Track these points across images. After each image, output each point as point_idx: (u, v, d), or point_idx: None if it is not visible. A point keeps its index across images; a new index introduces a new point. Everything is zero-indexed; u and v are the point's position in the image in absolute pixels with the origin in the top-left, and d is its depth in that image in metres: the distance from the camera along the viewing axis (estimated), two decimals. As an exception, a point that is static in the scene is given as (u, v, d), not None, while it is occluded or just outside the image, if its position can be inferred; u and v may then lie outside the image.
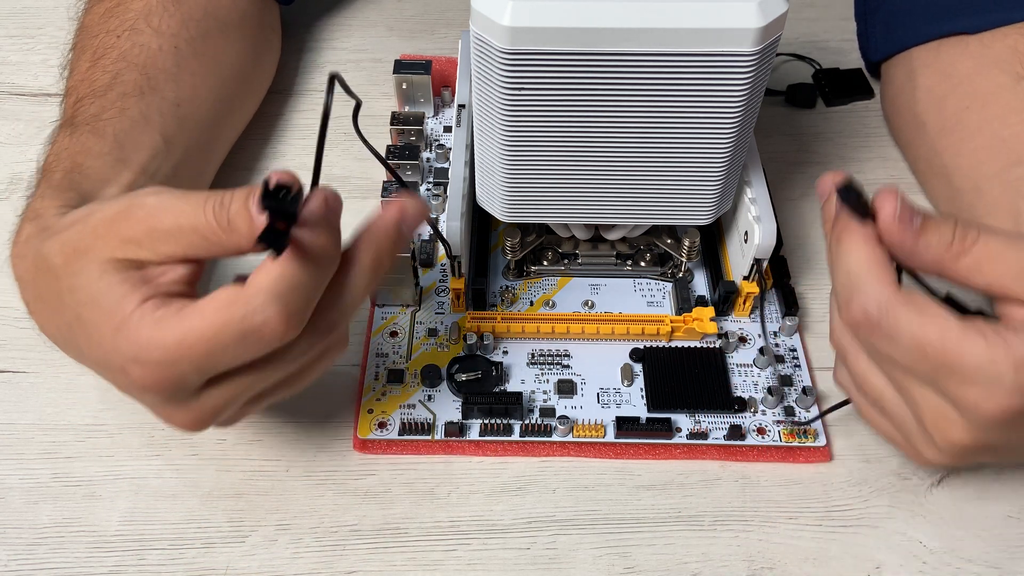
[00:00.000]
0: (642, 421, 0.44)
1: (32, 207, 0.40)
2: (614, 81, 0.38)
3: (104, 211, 0.35)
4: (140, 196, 0.35)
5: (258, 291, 0.33)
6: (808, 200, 0.55)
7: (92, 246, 0.35)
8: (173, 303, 0.34)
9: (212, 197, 0.34)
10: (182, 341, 0.33)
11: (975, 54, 0.51)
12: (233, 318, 0.32)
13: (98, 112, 0.44)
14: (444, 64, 0.61)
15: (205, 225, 0.33)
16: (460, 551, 0.41)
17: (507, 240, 0.48)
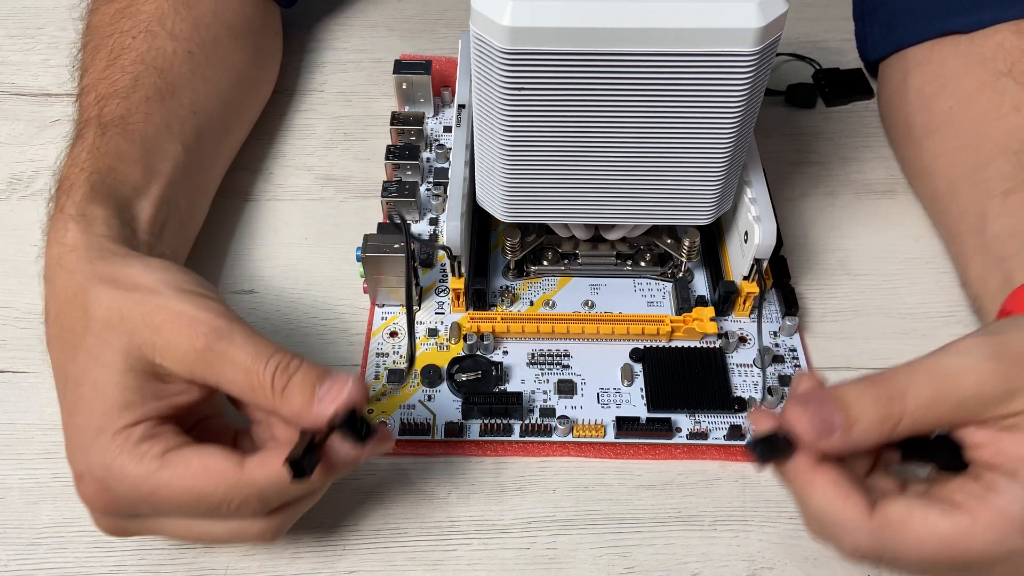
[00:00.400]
0: (642, 421, 0.44)
1: (78, 205, 0.39)
2: (614, 81, 0.38)
3: (171, 305, 0.35)
4: (211, 312, 0.34)
5: (249, 486, 0.33)
6: (808, 200, 0.55)
7: (136, 329, 0.34)
8: (161, 439, 0.33)
9: (277, 356, 0.34)
10: (154, 491, 0.33)
11: (964, 53, 0.51)
12: (213, 495, 0.33)
13: (125, 115, 0.45)
14: (444, 64, 0.61)
15: (257, 378, 0.34)
16: (460, 551, 0.41)
17: (507, 240, 0.48)
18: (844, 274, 0.51)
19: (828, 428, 0.32)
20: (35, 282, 0.49)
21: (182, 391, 0.35)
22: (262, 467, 0.33)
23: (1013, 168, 0.46)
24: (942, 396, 0.32)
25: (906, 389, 0.32)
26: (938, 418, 0.33)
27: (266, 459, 0.33)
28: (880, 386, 0.33)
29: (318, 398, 0.33)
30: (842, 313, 0.50)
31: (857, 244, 0.53)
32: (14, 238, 0.52)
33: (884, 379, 0.33)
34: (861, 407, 0.32)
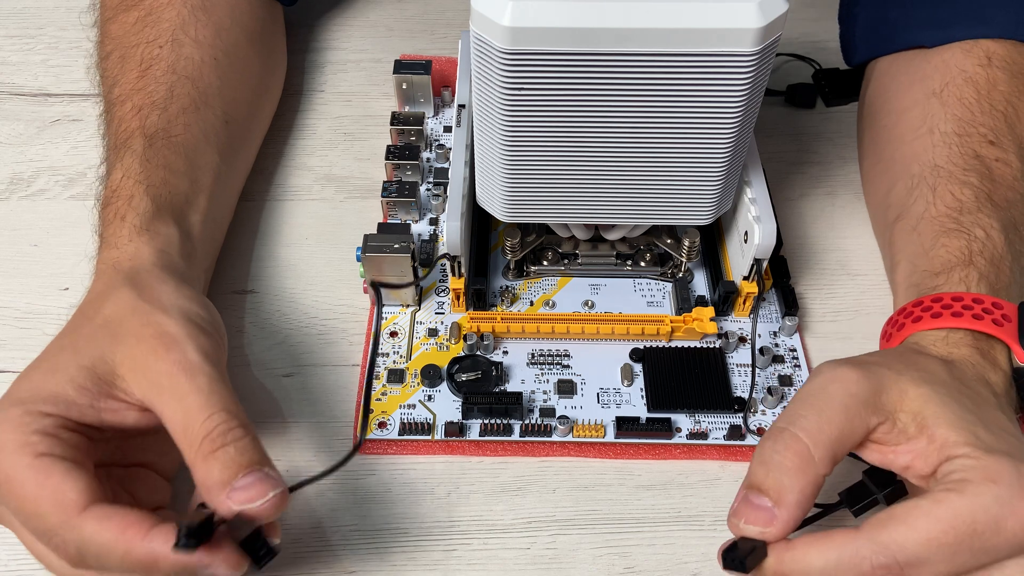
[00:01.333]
0: (642, 421, 0.44)
1: (142, 217, 0.41)
2: (614, 81, 0.38)
3: (164, 323, 0.35)
4: (195, 346, 0.35)
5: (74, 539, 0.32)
6: (808, 200, 0.55)
7: (124, 336, 0.35)
8: (52, 443, 0.33)
9: (222, 416, 0.33)
10: (6, 480, 0.33)
11: (915, 68, 0.51)
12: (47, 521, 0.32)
13: (166, 126, 0.45)
14: (444, 64, 0.61)
15: (191, 428, 0.33)
16: (460, 551, 0.41)
17: (507, 240, 0.48)
18: (844, 274, 0.51)
19: (766, 515, 0.33)
20: (35, 282, 0.49)
21: (119, 409, 0.35)
22: (99, 521, 0.32)
23: (905, 192, 0.47)
24: (824, 412, 0.34)
25: (792, 424, 0.34)
26: (838, 435, 0.33)
27: (109, 515, 0.32)
28: (773, 441, 0.34)
29: (233, 487, 0.32)
30: (842, 313, 0.50)
31: (857, 244, 0.53)
32: (14, 238, 0.52)
33: (773, 433, 0.34)
34: (772, 472, 0.33)
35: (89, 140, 0.57)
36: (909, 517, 0.32)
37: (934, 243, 0.43)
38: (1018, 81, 0.48)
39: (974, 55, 0.49)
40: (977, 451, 0.33)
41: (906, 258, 0.45)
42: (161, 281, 0.38)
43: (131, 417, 0.35)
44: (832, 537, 0.32)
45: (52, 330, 0.47)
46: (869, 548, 0.31)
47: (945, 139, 0.47)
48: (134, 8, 0.50)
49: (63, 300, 0.49)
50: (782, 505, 0.32)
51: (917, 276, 0.43)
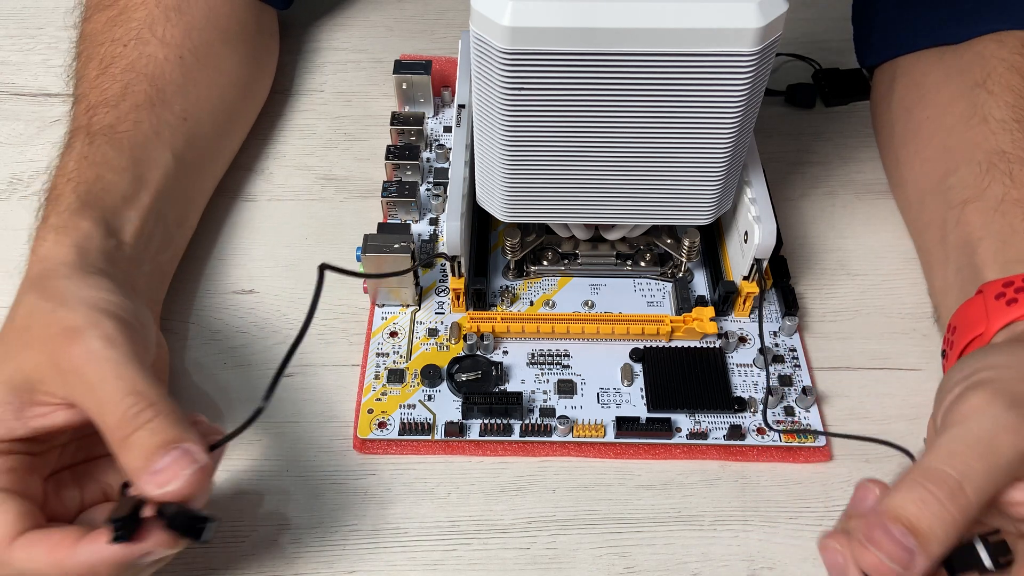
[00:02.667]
0: (642, 421, 0.44)
1: (59, 214, 0.40)
2: (614, 81, 0.37)
3: (68, 318, 0.34)
4: (104, 335, 0.34)
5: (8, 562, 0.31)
6: (808, 200, 0.55)
7: (33, 340, 0.34)
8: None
9: (133, 398, 0.32)
10: None
11: (947, 64, 0.51)
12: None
13: (114, 123, 0.45)
14: (444, 64, 0.61)
15: (108, 414, 0.32)
16: (460, 551, 0.41)
17: (507, 240, 0.48)
18: (844, 274, 0.52)
19: (908, 557, 0.30)
20: (35, 282, 0.49)
21: (46, 413, 0.34)
22: (27, 549, 0.32)
23: (974, 178, 0.46)
24: (994, 468, 0.31)
25: (961, 476, 0.30)
26: (996, 493, 0.31)
27: (35, 541, 0.32)
28: (933, 482, 0.30)
29: (153, 468, 0.31)
30: (842, 313, 0.50)
31: (857, 244, 0.53)
32: (14, 238, 0.52)
33: (935, 474, 0.31)
34: (930, 516, 0.30)
35: (89, 140, 0.57)
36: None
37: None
38: None
39: (1008, 45, 0.49)
40: None
41: (992, 235, 0.44)
42: (65, 277, 0.37)
43: (61, 417, 0.34)
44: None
45: (52, 330, 0.47)
46: None
47: (1004, 126, 0.47)
48: (109, 8, 0.50)
49: (63, 300, 0.49)
50: (924, 555, 0.30)
51: (1016, 252, 0.42)
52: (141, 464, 0.31)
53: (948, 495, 0.30)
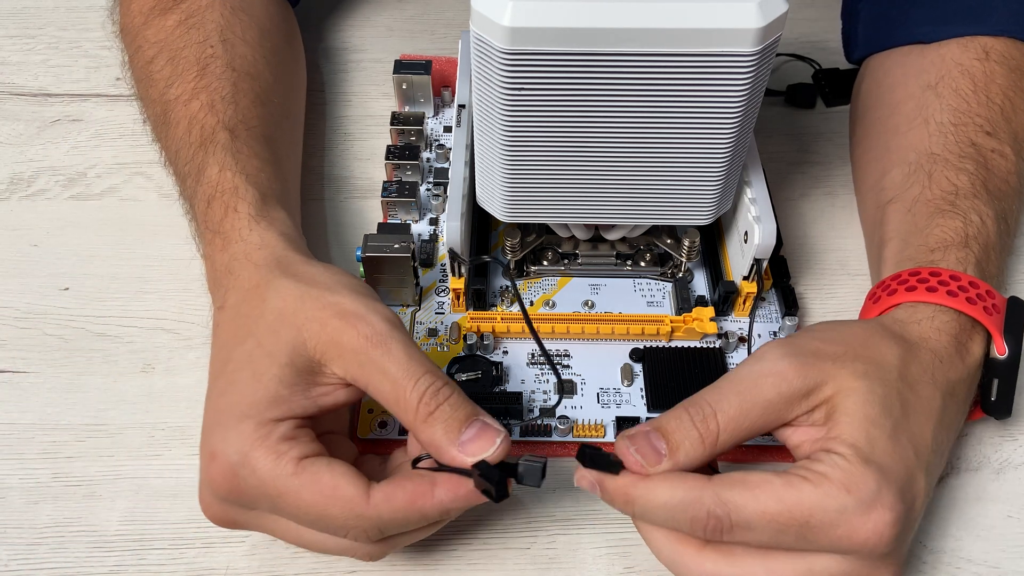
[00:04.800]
0: (642, 421, 0.44)
1: (253, 206, 0.41)
2: (614, 81, 0.38)
3: (341, 298, 0.36)
4: (378, 315, 0.35)
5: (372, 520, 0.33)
6: (808, 200, 0.55)
7: (305, 323, 0.35)
8: (299, 444, 0.34)
9: (428, 378, 0.34)
10: (280, 494, 0.33)
11: (910, 63, 0.51)
12: (334, 519, 0.33)
13: (243, 119, 0.45)
14: (444, 64, 0.61)
15: (404, 395, 0.34)
16: (460, 551, 0.41)
17: (507, 240, 0.48)
18: (844, 274, 0.52)
19: (655, 456, 0.35)
20: (35, 282, 0.49)
21: (331, 391, 0.36)
22: (387, 502, 0.33)
23: (901, 178, 0.47)
24: (747, 404, 0.35)
25: (716, 405, 0.35)
26: (751, 426, 0.35)
27: (391, 494, 0.34)
28: (694, 407, 0.35)
29: (461, 441, 0.34)
30: (842, 313, 0.50)
31: (857, 244, 0.53)
32: (14, 238, 0.52)
33: (696, 400, 0.36)
34: (681, 432, 0.35)
35: (89, 140, 0.57)
36: (757, 488, 0.33)
37: (929, 222, 0.44)
38: (1016, 76, 0.48)
39: (971, 50, 0.49)
40: (855, 456, 0.34)
41: (898, 236, 0.45)
42: (305, 263, 0.38)
43: (342, 396, 0.36)
44: (684, 479, 0.34)
45: (52, 330, 0.47)
46: (712, 499, 0.33)
47: (941, 128, 0.47)
48: (171, 12, 0.49)
49: (63, 300, 0.49)
50: (673, 459, 0.35)
51: (911, 251, 0.43)
52: (451, 437, 0.34)
53: (700, 418, 0.35)
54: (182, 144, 0.45)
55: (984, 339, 0.40)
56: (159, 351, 0.47)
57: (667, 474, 0.34)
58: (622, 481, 0.35)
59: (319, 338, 0.35)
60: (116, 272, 0.50)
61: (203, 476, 0.35)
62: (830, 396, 0.35)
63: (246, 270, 0.38)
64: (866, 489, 0.33)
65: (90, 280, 0.50)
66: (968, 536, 0.42)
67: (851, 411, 0.35)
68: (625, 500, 0.35)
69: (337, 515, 0.33)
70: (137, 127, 0.57)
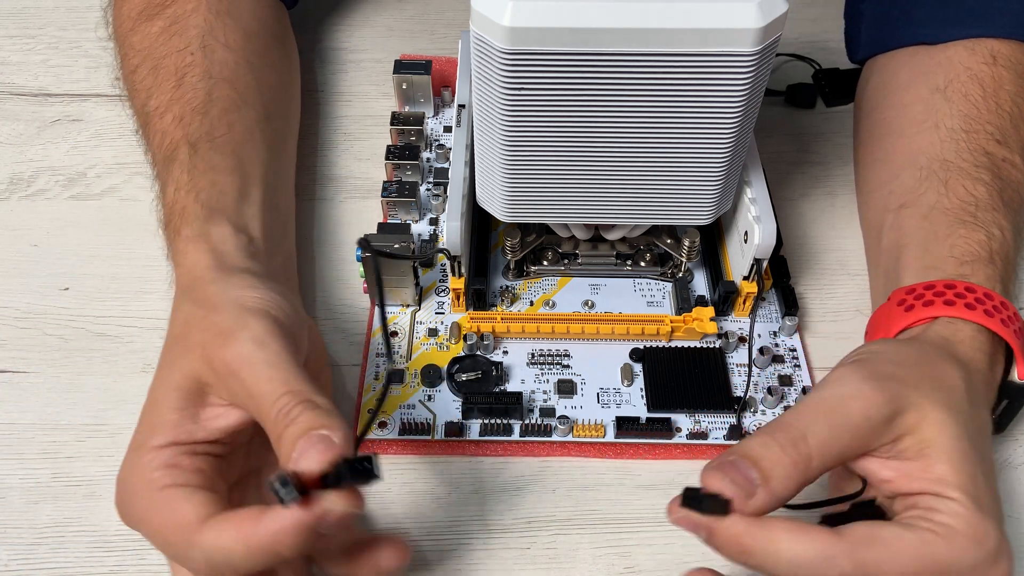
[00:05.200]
0: (642, 421, 0.44)
1: (190, 224, 0.41)
2: (614, 81, 0.38)
3: (220, 321, 0.35)
4: (253, 334, 0.34)
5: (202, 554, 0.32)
6: (808, 200, 0.55)
7: (192, 345, 0.35)
8: (174, 472, 0.34)
9: (285, 399, 0.33)
10: (140, 520, 0.34)
11: (916, 64, 0.51)
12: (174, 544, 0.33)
13: (209, 130, 0.45)
14: (444, 64, 0.61)
15: (267, 416, 0.33)
16: (460, 551, 0.41)
17: (507, 240, 0.48)
18: (844, 274, 0.52)
19: (749, 486, 0.32)
20: (35, 282, 0.49)
21: (221, 414, 0.35)
22: (214, 529, 0.32)
23: (913, 183, 0.46)
24: (838, 427, 0.33)
25: (805, 429, 0.33)
26: (841, 450, 0.34)
27: (223, 521, 0.32)
28: (781, 432, 0.33)
29: (293, 461, 0.32)
30: (842, 313, 0.50)
31: (857, 244, 0.53)
32: (14, 238, 0.52)
33: (783, 425, 0.34)
34: (771, 458, 0.33)
35: (89, 140, 0.57)
36: (894, 546, 0.32)
37: (950, 232, 0.43)
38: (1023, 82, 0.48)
39: (978, 53, 0.49)
40: (971, 504, 0.33)
41: (916, 242, 0.44)
42: (211, 281, 0.38)
43: (234, 417, 0.35)
44: (811, 532, 0.32)
45: (52, 330, 0.47)
46: (847, 560, 0.31)
47: (952, 135, 0.47)
48: (156, 18, 0.49)
49: (63, 300, 0.49)
50: (766, 489, 0.32)
51: (933, 259, 0.43)
52: (285, 460, 0.32)
53: (790, 442, 0.33)
54: (155, 159, 0.46)
55: (1004, 361, 0.40)
56: (159, 351, 0.47)
57: (789, 525, 0.32)
58: (736, 529, 0.32)
59: (200, 361, 0.35)
60: (116, 272, 0.50)
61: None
62: (915, 425, 0.34)
63: (175, 297, 0.39)
64: (991, 540, 0.32)
65: (90, 280, 0.50)
66: (968, 536, 0.41)
67: (947, 448, 0.33)
68: (740, 550, 0.32)
69: (173, 541, 0.33)
70: (137, 127, 0.57)
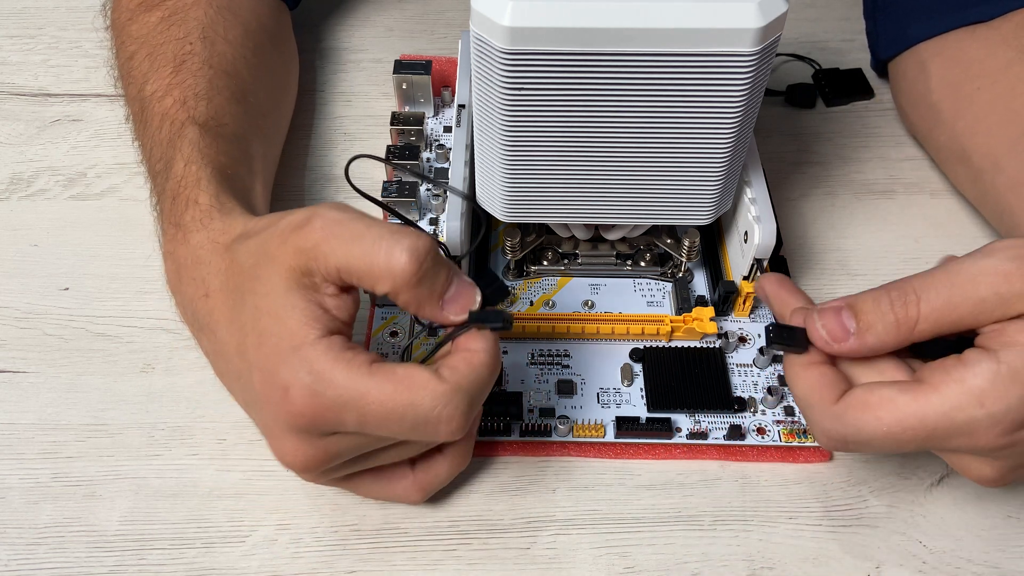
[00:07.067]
0: (642, 421, 0.44)
1: (214, 196, 0.41)
2: (614, 81, 0.38)
3: (290, 218, 0.35)
4: (322, 207, 0.35)
5: (456, 391, 0.34)
6: (808, 200, 0.55)
7: (277, 253, 0.35)
8: (362, 352, 0.34)
9: (402, 241, 0.33)
10: (363, 395, 0.33)
11: (983, 37, 0.51)
12: (422, 405, 0.33)
13: (215, 116, 0.45)
14: (444, 64, 0.61)
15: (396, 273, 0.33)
16: (460, 551, 0.41)
17: (507, 240, 0.48)
18: (844, 274, 0.52)
19: (842, 332, 0.35)
20: (35, 282, 0.49)
21: (337, 302, 0.35)
22: (455, 370, 0.34)
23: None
24: (958, 298, 0.33)
25: (921, 292, 0.34)
26: (956, 319, 0.34)
27: (450, 363, 0.34)
28: (896, 291, 0.34)
29: (446, 305, 0.35)
30: (842, 313, 0.50)
31: (857, 244, 0.53)
32: (14, 238, 0.52)
33: (900, 284, 0.35)
34: (876, 313, 0.34)
35: (89, 140, 0.57)
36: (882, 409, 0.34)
37: None
38: None
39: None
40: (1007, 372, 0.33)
41: None
42: (260, 218, 0.38)
43: (349, 303, 0.35)
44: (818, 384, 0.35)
45: (52, 330, 0.47)
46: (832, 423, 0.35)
47: None
48: (156, 8, 0.49)
49: (63, 300, 0.49)
50: (861, 340, 0.34)
51: None
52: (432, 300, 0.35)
53: (901, 302, 0.34)
54: (155, 142, 0.45)
55: None
56: (159, 351, 0.47)
57: (816, 376, 0.35)
58: (792, 359, 0.36)
59: (294, 257, 0.34)
60: (116, 272, 0.50)
61: (279, 417, 0.34)
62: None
63: (215, 255, 0.38)
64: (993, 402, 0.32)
65: (90, 280, 0.50)
66: (968, 536, 0.42)
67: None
68: (785, 371, 0.37)
69: (423, 400, 0.33)
70: (137, 127, 0.57)
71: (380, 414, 0.33)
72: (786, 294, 0.38)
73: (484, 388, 0.35)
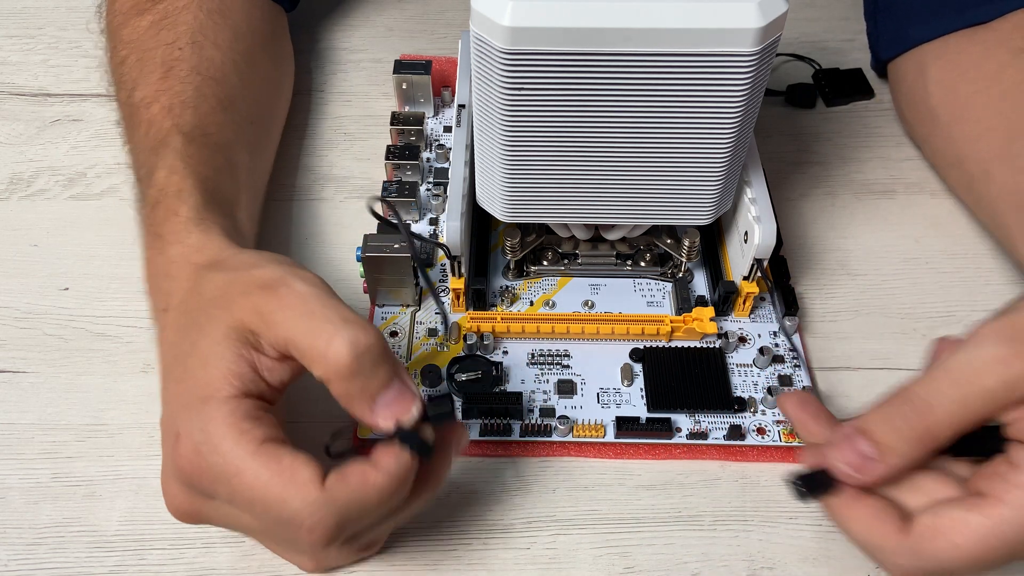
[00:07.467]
0: (642, 421, 0.44)
1: (195, 210, 0.40)
2: (614, 81, 0.38)
3: (261, 272, 0.35)
4: (295, 276, 0.35)
5: (329, 504, 0.32)
6: (808, 200, 0.55)
7: (234, 302, 0.35)
8: (263, 425, 0.33)
9: (345, 331, 0.32)
10: (238, 475, 0.32)
11: (981, 39, 0.51)
12: (290, 505, 0.32)
13: (200, 125, 0.45)
14: (444, 64, 0.61)
15: (323, 360, 0.33)
16: (460, 551, 0.41)
17: (507, 240, 0.48)
18: (844, 274, 0.52)
19: (862, 463, 0.33)
20: (35, 282, 0.49)
21: (274, 367, 0.35)
22: (342, 483, 0.32)
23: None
24: (969, 397, 0.33)
25: (931, 400, 0.33)
26: (972, 416, 0.33)
27: (343, 475, 0.33)
28: (906, 404, 0.33)
29: (376, 408, 0.33)
30: (842, 313, 0.50)
31: (857, 244, 0.53)
32: (14, 238, 0.52)
33: (905, 395, 0.33)
34: (893, 432, 0.33)
35: (89, 140, 0.57)
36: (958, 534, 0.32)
37: None
38: None
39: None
40: None
41: None
42: (236, 255, 0.38)
43: (286, 371, 0.35)
44: (878, 522, 0.33)
45: (52, 330, 0.47)
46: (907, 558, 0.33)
47: None
48: (147, 12, 0.49)
49: (63, 300, 0.49)
50: (887, 463, 0.33)
51: None
52: (368, 401, 0.34)
53: (915, 413, 0.33)
54: (140, 148, 0.45)
55: None
56: (159, 351, 0.47)
57: (868, 513, 0.33)
58: (831, 504, 0.35)
59: (248, 313, 0.34)
60: (116, 272, 0.50)
61: (167, 462, 0.35)
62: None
63: (184, 271, 0.38)
64: None
65: (90, 280, 0.50)
66: (968, 536, 0.41)
67: None
68: (830, 518, 0.35)
69: (292, 501, 0.32)
70: (137, 127, 0.57)
71: (247, 498, 0.32)
72: (809, 419, 0.37)
73: (366, 511, 0.33)
